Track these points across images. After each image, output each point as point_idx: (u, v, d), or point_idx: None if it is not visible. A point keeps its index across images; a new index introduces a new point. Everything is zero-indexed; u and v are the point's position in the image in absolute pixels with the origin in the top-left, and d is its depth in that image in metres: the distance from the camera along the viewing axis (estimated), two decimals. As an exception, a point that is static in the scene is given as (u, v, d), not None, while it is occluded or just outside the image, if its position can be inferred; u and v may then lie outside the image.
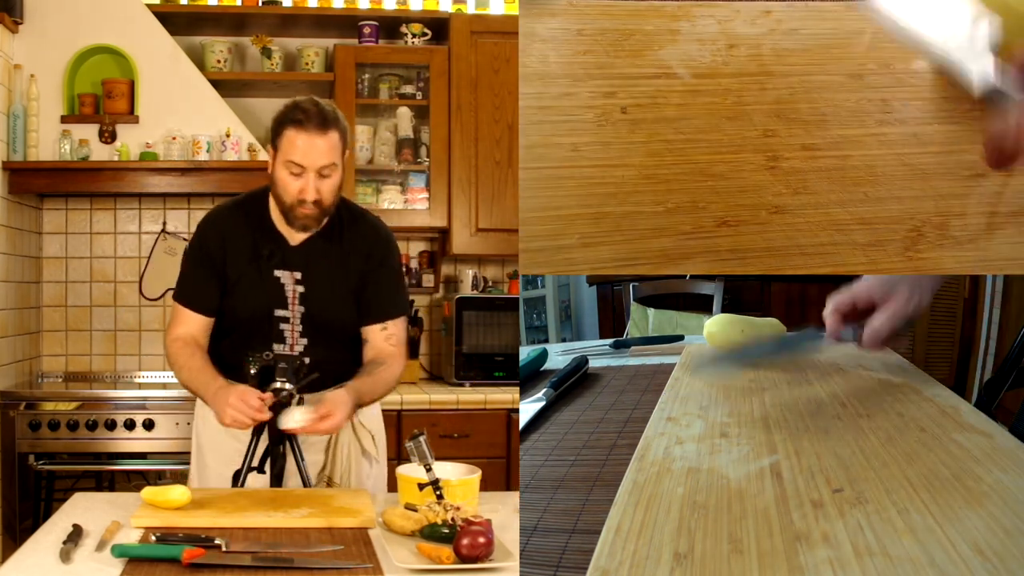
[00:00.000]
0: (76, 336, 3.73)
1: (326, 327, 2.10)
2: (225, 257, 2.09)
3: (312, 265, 2.09)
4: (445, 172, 3.58)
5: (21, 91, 3.35)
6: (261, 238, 2.09)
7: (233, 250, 2.09)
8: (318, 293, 2.09)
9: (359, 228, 2.14)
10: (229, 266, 2.10)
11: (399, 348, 2.14)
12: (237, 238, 2.10)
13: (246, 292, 2.09)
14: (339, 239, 2.11)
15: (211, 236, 2.12)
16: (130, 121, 3.43)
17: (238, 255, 2.09)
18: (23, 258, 3.50)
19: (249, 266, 2.08)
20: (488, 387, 3.46)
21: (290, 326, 2.09)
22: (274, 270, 2.08)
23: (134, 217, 3.75)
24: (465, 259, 3.84)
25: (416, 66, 3.68)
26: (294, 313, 2.09)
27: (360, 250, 2.11)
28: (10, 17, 3.28)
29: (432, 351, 3.91)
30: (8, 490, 3.13)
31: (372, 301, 2.13)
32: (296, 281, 2.09)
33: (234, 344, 2.12)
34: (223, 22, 3.66)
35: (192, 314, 2.12)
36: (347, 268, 2.10)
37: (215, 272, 2.10)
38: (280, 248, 2.09)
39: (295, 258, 2.09)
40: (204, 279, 2.11)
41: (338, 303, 2.10)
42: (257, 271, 2.08)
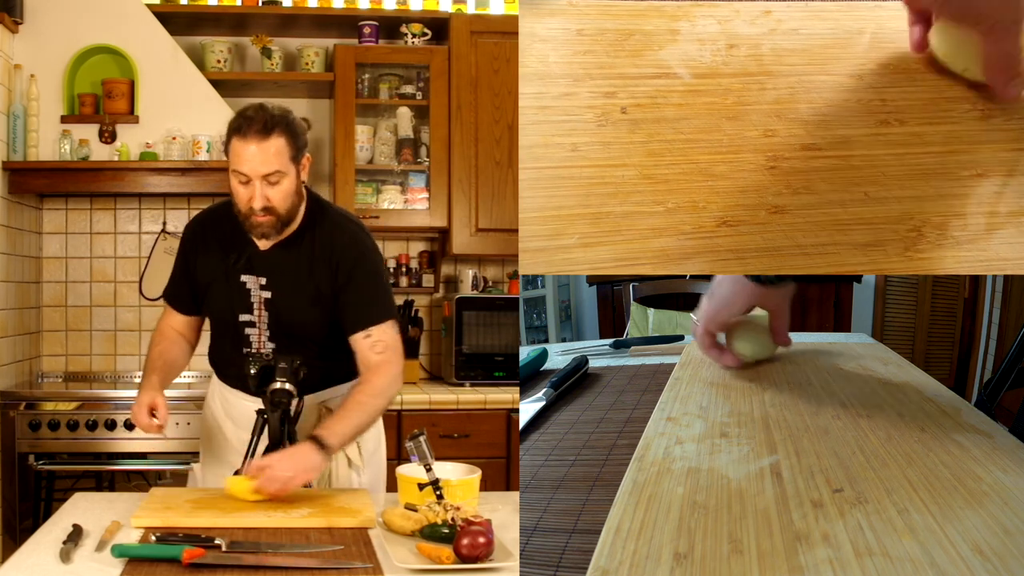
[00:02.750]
0: (76, 336, 3.73)
1: (292, 333, 2.09)
2: (197, 261, 2.12)
3: (277, 271, 2.07)
4: (445, 172, 3.58)
5: (21, 91, 3.34)
6: (232, 243, 2.08)
7: (205, 254, 2.12)
8: (283, 299, 2.07)
9: (328, 235, 2.07)
10: (200, 270, 2.12)
11: (386, 354, 2.05)
12: (210, 242, 2.11)
13: (215, 296, 2.11)
14: (309, 245, 2.06)
15: (189, 240, 2.16)
16: (130, 121, 3.43)
17: (210, 259, 2.11)
18: (23, 258, 3.50)
19: (219, 270, 2.09)
20: (488, 387, 3.46)
21: (256, 331, 2.09)
22: (240, 275, 2.07)
23: (134, 217, 3.75)
24: (465, 259, 3.84)
25: (416, 66, 3.68)
26: (260, 318, 2.08)
27: (327, 258, 2.05)
28: (10, 17, 3.27)
29: (432, 351, 3.91)
30: (8, 490, 3.13)
31: (348, 310, 2.06)
32: (261, 287, 2.07)
33: (216, 346, 2.19)
34: (223, 22, 3.66)
35: (175, 312, 2.22)
36: (312, 275, 2.06)
37: (188, 276, 2.15)
38: (248, 253, 2.07)
39: (262, 263, 2.07)
40: (181, 281, 2.18)
41: (303, 309, 2.07)
42: (225, 276, 2.09)
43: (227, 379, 2.18)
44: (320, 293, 2.07)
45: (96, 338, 3.73)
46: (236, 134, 1.95)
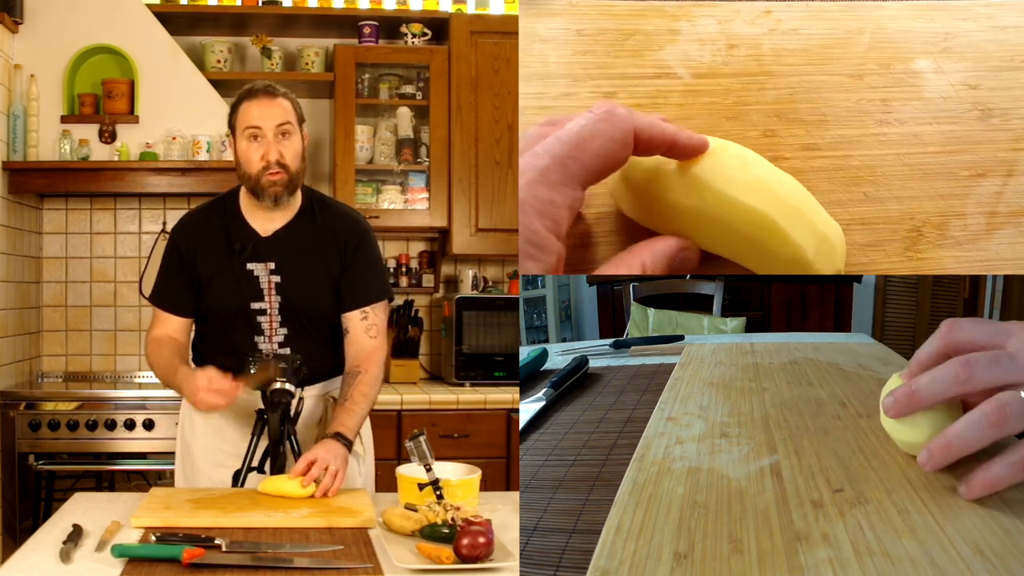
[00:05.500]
0: (76, 336, 3.73)
1: (304, 315, 2.10)
2: (196, 258, 2.11)
3: (285, 254, 2.09)
4: (445, 172, 3.59)
5: (21, 91, 3.35)
6: (232, 233, 2.09)
7: (204, 249, 2.11)
8: (293, 281, 2.09)
9: (331, 215, 2.14)
10: (201, 266, 2.11)
11: (378, 339, 2.12)
12: (208, 237, 2.11)
13: (221, 288, 2.10)
14: (312, 225, 2.11)
15: (182, 238, 2.14)
16: (130, 121, 3.43)
17: (210, 253, 2.10)
18: (23, 258, 3.50)
19: (222, 262, 2.09)
20: (488, 387, 3.46)
21: (267, 318, 2.09)
22: (247, 263, 2.08)
23: (134, 217, 3.75)
24: (465, 259, 3.84)
25: (416, 66, 3.68)
26: (271, 304, 2.09)
27: (333, 236, 2.11)
28: (10, 17, 3.28)
29: (432, 351, 3.91)
30: (8, 490, 3.13)
31: (350, 287, 2.11)
32: (270, 272, 2.08)
33: (217, 340, 2.15)
34: (223, 22, 3.67)
35: (168, 315, 2.16)
36: (322, 254, 2.10)
37: (187, 274, 2.12)
38: (252, 241, 2.09)
39: (267, 249, 2.09)
40: (177, 282, 2.14)
41: (314, 289, 2.10)
42: (230, 266, 2.08)
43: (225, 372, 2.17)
44: (330, 272, 2.10)
45: (96, 338, 3.74)
46: (246, 98, 2.02)
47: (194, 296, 2.13)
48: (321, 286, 2.10)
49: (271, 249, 2.09)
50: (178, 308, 2.16)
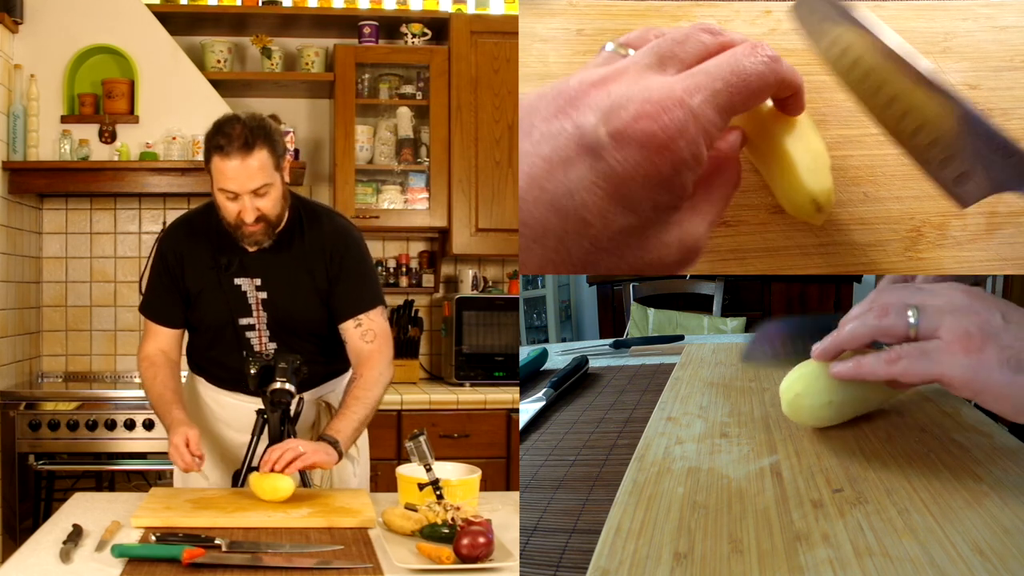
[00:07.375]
0: (76, 336, 3.73)
1: (292, 330, 2.10)
2: (184, 271, 2.09)
3: (271, 270, 2.07)
4: (445, 172, 3.59)
5: (21, 91, 3.35)
6: (219, 248, 2.07)
7: (192, 263, 2.09)
8: (280, 297, 2.08)
9: (317, 227, 2.10)
10: (189, 279, 2.09)
11: (376, 343, 2.09)
12: (195, 250, 2.09)
13: (209, 303, 2.09)
14: (299, 240, 2.08)
15: (170, 250, 2.12)
16: (130, 121, 3.43)
17: (197, 267, 2.08)
18: (23, 258, 3.50)
19: (209, 277, 2.07)
20: (488, 387, 3.46)
21: (256, 333, 2.09)
22: (234, 279, 2.07)
23: (134, 217, 3.75)
24: (465, 259, 3.84)
25: (416, 66, 3.68)
26: (259, 319, 2.08)
27: (320, 248, 2.08)
28: (10, 17, 3.28)
29: (432, 351, 3.91)
30: (8, 490, 3.13)
31: (341, 298, 2.09)
32: (257, 287, 2.07)
33: (208, 350, 2.16)
34: (223, 22, 3.66)
35: (159, 327, 2.14)
36: (308, 268, 2.07)
37: (176, 286, 2.11)
38: (238, 256, 2.06)
39: (254, 264, 2.06)
40: (166, 293, 2.12)
41: (301, 304, 2.08)
42: (217, 281, 2.07)
43: (221, 382, 2.18)
44: (317, 286, 2.08)
45: (96, 338, 3.74)
46: (217, 152, 1.90)
47: (183, 308, 2.12)
48: (308, 301, 2.09)
49: (257, 265, 2.06)
50: (168, 320, 2.15)
